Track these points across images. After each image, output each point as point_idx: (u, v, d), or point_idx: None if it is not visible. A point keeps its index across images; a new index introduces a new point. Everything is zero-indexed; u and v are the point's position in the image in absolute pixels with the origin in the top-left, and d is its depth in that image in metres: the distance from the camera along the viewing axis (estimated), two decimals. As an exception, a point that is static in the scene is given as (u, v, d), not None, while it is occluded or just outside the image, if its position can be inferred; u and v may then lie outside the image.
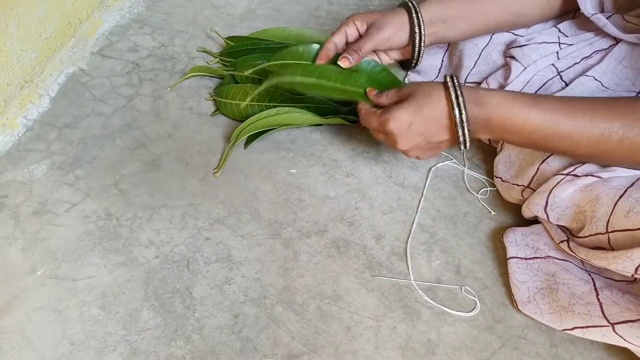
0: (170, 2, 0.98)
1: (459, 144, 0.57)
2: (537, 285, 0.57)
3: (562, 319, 0.55)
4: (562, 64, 0.68)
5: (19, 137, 0.72)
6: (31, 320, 0.54)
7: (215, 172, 0.69)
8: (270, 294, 0.58)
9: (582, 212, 0.55)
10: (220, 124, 0.76)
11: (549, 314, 0.56)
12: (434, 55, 0.81)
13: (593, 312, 0.53)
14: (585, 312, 0.53)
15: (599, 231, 0.52)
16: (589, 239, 0.54)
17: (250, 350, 0.54)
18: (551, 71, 0.68)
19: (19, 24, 0.73)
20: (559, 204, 0.57)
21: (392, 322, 0.57)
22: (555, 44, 0.69)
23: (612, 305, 0.52)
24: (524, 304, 0.57)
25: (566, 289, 0.55)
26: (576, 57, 0.67)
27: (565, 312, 0.55)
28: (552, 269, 0.57)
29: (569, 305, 0.55)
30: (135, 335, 0.54)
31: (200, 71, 0.82)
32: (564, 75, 0.67)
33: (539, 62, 0.68)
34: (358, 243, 0.63)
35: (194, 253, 0.61)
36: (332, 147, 0.74)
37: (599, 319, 0.52)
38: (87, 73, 0.82)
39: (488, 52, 0.74)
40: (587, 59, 0.67)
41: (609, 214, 0.51)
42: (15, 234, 0.61)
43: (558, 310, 0.55)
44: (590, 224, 0.54)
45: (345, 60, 0.64)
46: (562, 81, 0.67)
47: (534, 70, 0.68)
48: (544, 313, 0.56)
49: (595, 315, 0.53)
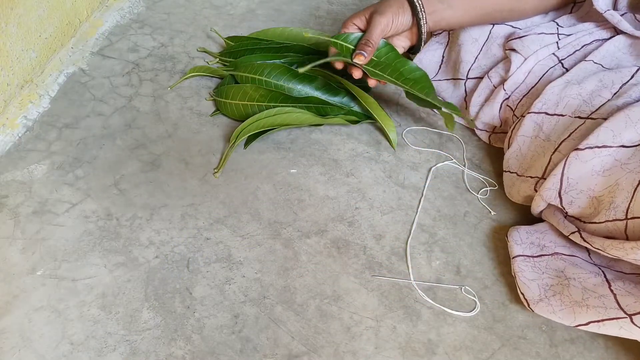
0: (170, 2, 0.98)
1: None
2: (547, 282, 0.56)
3: (576, 314, 0.53)
4: (562, 52, 0.68)
5: (19, 137, 0.72)
6: (31, 320, 0.54)
7: (215, 172, 0.69)
8: (270, 294, 0.58)
9: (599, 197, 0.54)
10: (220, 124, 0.76)
11: (561, 310, 0.54)
12: (434, 51, 0.81)
13: (608, 304, 0.51)
14: (600, 305, 0.52)
15: (618, 217, 0.51)
16: (605, 225, 0.53)
17: (250, 350, 0.54)
18: (552, 60, 0.68)
19: (19, 24, 0.73)
20: (574, 186, 0.56)
21: (392, 322, 0.57)
22: (554, 34, 0.69)
23: (626, 296, 0.51)
24: (535, 302, 0.56)
25: (577, 283, 0.54)
26: (576, 45, 0.67)
27: (579, 307, 0.53)
28: (560, 265, 0.57)
29: (582, 300, 0.53)
30: (135, 335, 0.54)
31: (200, 71, 0.82)
32: (565, 62, 0.67)
33: (539, 52, 0.68)
34: (358, 243, 0.63)
35: (194, 253, 0.61)
36: (332, 147, 0.74)
37: (616, 311, 0.51)
38: (87, 73, 0.82)
39: (488, 46, 0.74)
40: (587, 45, 0.67)
41: (629, 200, 0.50)
42: (15, 234, 0.61)
43: (571, 305, 0.54)
44: (608, 210, 0.52)
45: (359, 56, 0.65)
46: (564, 68, 0.67)
47: (535, 60, 0.68)
48: (556, 310, 0.54)
49: (611, 307, 0.51)
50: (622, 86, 0.59)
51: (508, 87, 0.70)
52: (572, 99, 0.61)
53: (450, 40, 0.80)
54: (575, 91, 0.61)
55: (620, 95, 0.58)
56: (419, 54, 0.82)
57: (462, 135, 0.77)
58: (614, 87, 0.59)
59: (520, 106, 0.69)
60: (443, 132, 0.78)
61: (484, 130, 0.77)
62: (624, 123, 0.53)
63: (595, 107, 0.59)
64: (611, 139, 0.53)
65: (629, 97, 0.56)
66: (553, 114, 0.62)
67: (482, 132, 0.77)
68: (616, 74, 0.60)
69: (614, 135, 0.53)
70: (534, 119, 0.64)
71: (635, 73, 0.59)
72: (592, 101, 0.59)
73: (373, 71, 0.68)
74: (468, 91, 0.77)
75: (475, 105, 0.75)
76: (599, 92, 0.60)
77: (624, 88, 0.58)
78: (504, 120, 0.73)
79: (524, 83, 0.69)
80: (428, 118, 0.80)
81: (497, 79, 0.72)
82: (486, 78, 0.73)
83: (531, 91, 0.69)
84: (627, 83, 0.59)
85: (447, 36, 0.80)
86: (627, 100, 0.56)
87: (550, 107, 0.63)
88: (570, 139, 0.59)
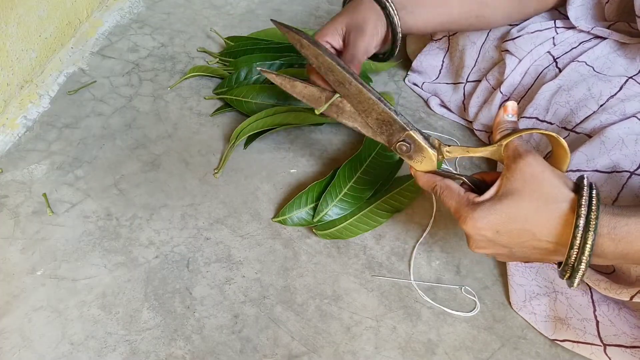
0: (170, 2, 0.98)
1: (562, 276, 0.42)
2: (534, 290, 0.57)
3: (556, 329, 0.55)
4: (558, 50, 0.67)
5: (19, 137, 0.72)
6: (31, 320, 0.54)
7: (215, 173, 0.69)
8: (270, 294, 0.58)
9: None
10: (220, 124, 0.76)
11: (544, 322, 0.56)
12: (435, 56, 0.81)
13: (588, 329, 0.53)
14: (580, 328, 0.53)
15: None
16: None
17: (250, 350, 0.54)
18: (547, 59, 0.68)
19: (19, 24, 0.73)
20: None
21: (392, 322, 0.57)
22: (551, 29, 0.69)
23: (609, 326, 0.52)
24: (519, 307, 0.57)
25: (564, 298, 0.55)
26: (573, 42, 0.67)
27: (561, 323, 0.55)
28: (551, 275, 0.57)
29: (566, 318, 0.54)
30: (135, 335, 0.54)
31: (200, 71, 0.82)
32: (559, 61, 0.67)
33: (534, 51, 0.68)
34: (358, 243, 0.63)
35: (194, 253, 0.61)
36: (332, 147, 0.74)
37: (593, 337, 0.52)
38: (87, 73, 0.82)
39: (486, 49, 0.74)
40: (585, 42, 0.66)
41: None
42: (15, 234, 0.61)
43: (554, 320, 0.55)
44: None
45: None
46: (557, 68, 0.67)
47: (530, 61, 0.68)
48: (538, 320, 0.56)
49: (590, 333, 0.52)
50: (609, 99, 0.59)
51: (505, 89, 0.70)
52: (561, 107, 0.61)
53: (451, 46, 0.79)
54: (564, 98, 0.62)
55: (605, 109, 0.58)
56: (420, 57, 0.82)
57: (461, 136, 0.77)
58: (602, 98, 0.59)
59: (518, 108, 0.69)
60: (443, 133, 0.78)
61: (483, 130, 0.77)
62: (598, 149, 0.53)
63: (580, 119, 0.59)
64: (585, 163, 0.54)
65: (613, 114, 0.56)
66: (543, 120, 0.63)
67: (481, 133, 0.77)
68: (605, 83, 0.60)
69: (587, 160, 0.54)
70: (525, 124, 0.64)
71: (624, 84, 0.59)
72: (578, 112, 0.59)
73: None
74: (467, 94, 0.77)
75: (474, 106, 0.75)
76: (585, 102, 0.59)
77: (611, 102, 0.58)
78: None
79: (520, 84, 0.70)
80: (428, 118, 0.80)
81: (494, 81, 0.72)
82: (484, 80, 0.73)
83: (528, 93, 0.69)
84: (614, 96, 0.58)
85: (448, 41, 0.80)
86: (609, 117, 0.56)
87: (541, 113, 0.63)
88: None
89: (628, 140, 0.52)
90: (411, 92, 0.84)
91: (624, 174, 0.51)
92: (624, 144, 0.52)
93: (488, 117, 0.73)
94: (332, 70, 0.50)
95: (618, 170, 0.51)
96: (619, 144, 0.52)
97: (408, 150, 0.50)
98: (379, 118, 0.50)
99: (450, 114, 0.80)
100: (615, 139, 0.53)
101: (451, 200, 0.46)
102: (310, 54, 0.50)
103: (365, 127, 0.51)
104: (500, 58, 0.72)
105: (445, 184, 0.47)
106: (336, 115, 0.52)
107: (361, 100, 0.50)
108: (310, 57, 0.50)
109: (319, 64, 0.50)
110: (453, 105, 0.79)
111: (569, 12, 0.67)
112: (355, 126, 0.52)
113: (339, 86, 0.50)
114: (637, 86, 0.58)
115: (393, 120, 0.49)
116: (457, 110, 0.79)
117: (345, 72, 0.49)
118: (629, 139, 0.52)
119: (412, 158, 0.50)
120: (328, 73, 0.50)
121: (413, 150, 0.49)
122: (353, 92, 0.50)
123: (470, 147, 0.47)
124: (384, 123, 0.50)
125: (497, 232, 0.42)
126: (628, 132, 0.53)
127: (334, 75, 0.50)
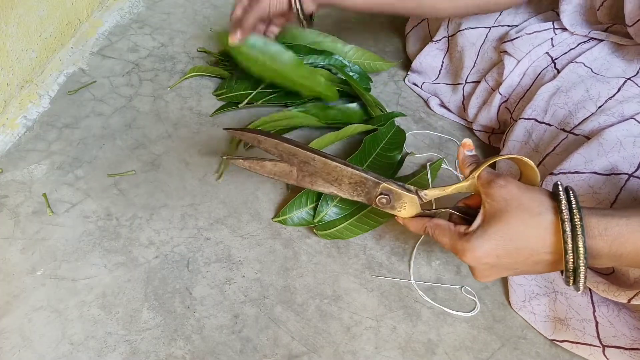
0: (170, 2, 0.98)
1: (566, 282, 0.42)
2: (534, 290, 0.57)
3: (556, 329, 0.55)
4: (557, 51, 0.67)
5: (19, 137, 0.72)
6: (31, 320, 0.54)
7: (217, 180, 0.69)
8: (270, 294, 0.58)
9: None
10: (220, 124, 0.76)
11: (543, 322, 0.56)
12: (434, 57, 0.81)
13: (587, 330, 0.53)
14: (579, 329, 0.53)
15: None
16: None
17: (250, 350, 0.54)
18: (546, 60, 0.68)
19: (19, 24, 0.73)
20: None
21: (392, 322, 0.57)
22: (550, 30, 0.69)
23: (608, 327, 0.52)
24: (519, 307, 0.57)
25: (564, 299, 0.55)
26: (572, 43, 0.67)
27: (561, 324, 0.55)
28: (550, 275, 0.57)
29: (566, 319, 0.54)
30: (135, 335, 0.54)
31: (200, 71, 0.82)
32: (558, 62, 0.67)
33: (532, 52, 0.68)
34: (358, 243, 0.63)
35: (194, 253, 0.61)
36: (332, 147, 0.74)
37: (592, 338, 0.52)
38: (87, 73, 0.82)
39: (485, 50, 0.74)
40: (583, 44, 0.66)
41: None
42: (15, 234, 0.61)
43: (553, 321, 0.55)
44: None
45: (231, 37, 0.66)
46: (555, 69, 0.66)
47: (529, 62, 0.68)
48: (537, 320, 0.56)
49: (589, 334, 0.53)
50: (607, 100, 0.58)
51: (504, 90, 0.70)
52: (559, 108, 0.61)
53: (450, 47, 0.80)
54: (562, 100, 0.61)
55: (604, 110, 0.57)
56: (419, 57, 0.82)
57: (461, 136, 0.77)
58: (600, 99, 0.59)
59: (517, 109, 0.69)
60: (443, 133, 0.78)
61: (482, 131, 0.77)
62: (596, 151, 0.53)
63: (579, 120, 0.59)
64: (583, 165, 0.54)
65: (612, 116, 0.56)
66: (542, 122, 0.63)
67: (481, 133, 0.77)
68: (603, 84, 0.60)
69: (585, 162, 0.54)
70: (524, 125, 0.64)
71: (622, 86, 0.59)
72: (577, 113, 0.59)
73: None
74: (466, 95, 0.77)
75: (474, 107, 0.75)
76: (583, 104, 0.59)
77: (609, 103, 0.58)
78: (502, 122, 0.73)
79: (519, 85, 0.70)
80: (428, 118, 0.80)
81: (493, 82, 0.72)
82: (483, 81, 0.73)
83: (526, 94, 0.69)
84: (612, 98, 0.58)
85: (447, 42, 0.80)
86: (608, 119, 0.56)
87: (539, 114, 0.63)
88: (554, 153, 0.59)
89: (626, 142, 0.52)
90: (411, 92, 0.84)
91: (622, 176, 0.51)
92: (622, 146, 0.52)
93: (487, 118, 0.73)
94: (294, 154, 0.52)
95: (616, 173, 0.51)
96: (617, 146, 0.52)
97: (389, 201, 0.51)
98: (351, 182, 0.51)
99: (450, 114, 0.80)
100: (613, 140, 0.53)
101: (444, 238, 0.46)
102: (269, 146, 0.52)
103: (341, 192, 0.53)
104: (499, 59, 0.73)
105: (434, 223, 0.48)
106: (310, 185, 0.54)
107: (329, 172, 0.52)
108: (270, 149, 0.52)
109: (280, 152, 0.52)
110: (453, 105, 0.79)
111: (562, 20, 0.67)
112: (332, 192, 0.53)
113: (304, 166, 0.52)
114: (635, 88, 0.58)
115: (365, 179, 0.51)
116: (456, 111, 0.79)
117: (307, 150, 0.51)
118: (627, 141, 0.52)
119: (395, 208, 0.51)
120: (291, 157, 0.52)
121: (393, 200, 0.51)
122: (319, 166, 0.52)
123: (446, 186, 0.49)
124: (358, 184, 0.51)
125: (497, 257, 0.42)
126: (626, 134, 0.53)
127: (297, 157, 0.52)
